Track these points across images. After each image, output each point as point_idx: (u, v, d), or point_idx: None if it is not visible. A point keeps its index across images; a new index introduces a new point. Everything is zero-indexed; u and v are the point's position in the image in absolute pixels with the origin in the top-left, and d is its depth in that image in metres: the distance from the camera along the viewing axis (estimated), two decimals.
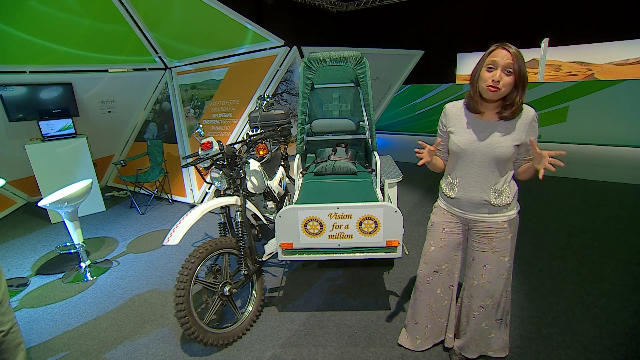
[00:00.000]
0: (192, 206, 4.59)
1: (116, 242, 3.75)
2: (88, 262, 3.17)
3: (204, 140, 2.25)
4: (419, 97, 9.05)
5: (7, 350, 1.81)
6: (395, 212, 2.03)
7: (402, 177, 2.93)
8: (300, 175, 3.13)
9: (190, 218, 2.03)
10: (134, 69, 5.19)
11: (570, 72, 8.56)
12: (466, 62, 10.60)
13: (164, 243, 1.98)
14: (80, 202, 3.02)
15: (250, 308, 2.31)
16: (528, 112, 1.49)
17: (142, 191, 4.93)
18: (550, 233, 3.40)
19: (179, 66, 5.12)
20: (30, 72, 4.39)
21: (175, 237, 1.94)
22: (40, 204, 2.84)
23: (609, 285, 2.56)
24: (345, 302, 2.53)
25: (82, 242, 3.10)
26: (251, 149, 2.37)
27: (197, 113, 4.85)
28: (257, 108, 3.22)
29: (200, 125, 2.50)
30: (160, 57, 5.07)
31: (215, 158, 2.23)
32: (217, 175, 2.31)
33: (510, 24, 9.21)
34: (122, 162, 4.63)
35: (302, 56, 4.40)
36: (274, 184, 2.97)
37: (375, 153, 3.09)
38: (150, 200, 4.78)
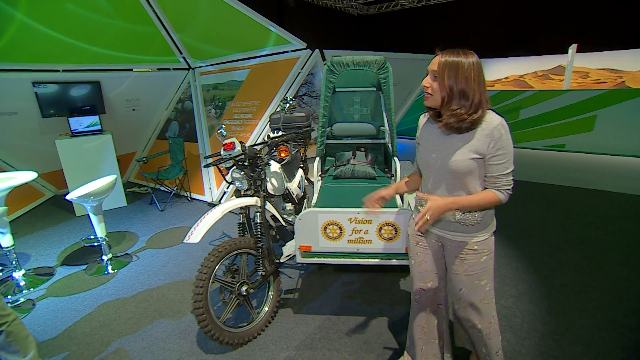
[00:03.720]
0: (211, 205, 4.66)
1: (136, 237, 3.85)
2: (110, 256, 3.26)
3: (226, 141, 2.28)
4: None
5: (16, 341, 1.86)
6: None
7: None
8: (319, 178, 3.13)
9: (211, 217, 2.06)
10: (159, 69, 5.31)
11: (599, 79, 8.28)
12: (489, 67, 10.41)
13: (184, 241, 2.01)
14: (105, 197, 3.12)
15: (266, 309, 2.32)
16: (490, 121, 1.32)
17: (162, 188, 5.04)
18: (574, 246, 3.29)
19: (202, 67, 5.22)
20: (64, 70, 4.56)
21: (196, 235, 1.97)
22: (67, 197, 2.94)
23: (637, 303, 2.45)
24: (360, 307, 2.51)
25: (105, 236, 3.20)
26: (272, 151, 2.39)
27: (218, 113, 4.93)
28: (278, 110, 3.25)
29: (223, 126, 2.54)
30: (184, 58, 5.18)
31: (237, 158, 2.25)
32: (238, 175, 2.33)
33: (534, 29, 8.99)
34: (144, 159, 4.76)
35: (323, 59, 4.42)
36: (293, 186, 2.99)
37: (396, 158, 3.07)
38: (170, 198, 4.88)
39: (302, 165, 3.34)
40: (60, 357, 2.17)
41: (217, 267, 2.05)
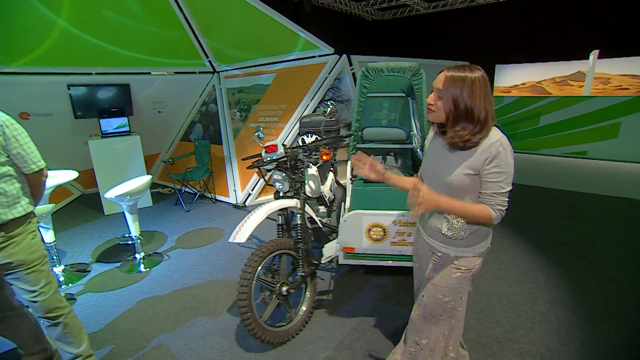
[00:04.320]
0: (236, 206, 4.75)
1: (165, 237, 3.92)
2: (142, 254, 3.34)
3: (269, 144, 2.34)
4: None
5: (71, 333, 1.94)
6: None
7: None
8: (349, 181, 3.17)
9: (256, 217, 2.10)
10: (185, 72, 5.43)
11: (621, 85, 8.20)
12: (505, 73, 10.37)
13: (230, 241, 2.06)
14: (140, 197, 3.20)
15: (304, 308, 2.35)
16: (490, 137, 1.29)
17: (186, 189, 5.13)
18: (601, 254, 3.26)
19: (227, 70, 5.32)
20: (96, 73, 4.70)
21: (241, 235, 2.02)
22: (106, 195, 3.03)
23: None
24: (396, 309, 2.53)
25: (139, 235, 3.28)
26: (312, 153, 2.44)
27: (244, 116, 5.01)
28: (317, 112, 3.30)
29: (261, 128, 2.60)
30: (209, 62, 5.29)
31: (280, 160, 2.30)
32: (279, 177, 2.38)
33: (552, 35, 8.94)
34: (170, 160, 4.86)
35: (350, 64, 4.48)
36: (326, 188, 3.03)
37: None
38: (196, 199, 4.96)
39: (332, 169, 3.39)
40: (106, 350, 2.23)
41: (260, 267, 2.09)
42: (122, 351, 2.24)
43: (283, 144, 2.37)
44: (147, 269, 3.25)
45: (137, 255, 3.31)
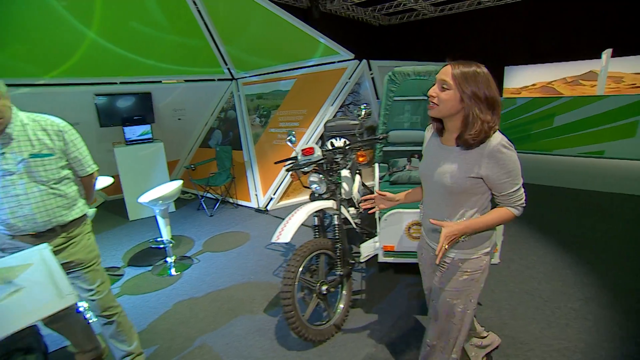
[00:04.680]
0: (258, 210, 4.82)
1: (192, 241, 4.00)
2: (174, 258, 3.41)
3: (305, 147, 2.40)
4: None
5: (124, 331, 2.01)
6: None
7: None
8: (377, 183, 3.23)
9: (298, 217, 2.17)
10: (204, 80, 5.54)
11: (635, 84, 8.19)
12: (514, 75, 10.38)
13: (273, 240, 2.12)
14: (171, 201, 3.28)
15: (341, 306, 2.40)
16: (490, 141, 1.26)
17: (208, 195, 5.21)
18: (632, 252, 3.28)
19: (245, 77, 5.43)
20: (120, 82, 4.83)
21: (285, 235, 2.08)
22: (139, 200, 3.11)
23: None
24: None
25: (171, 239, 3.35)
26: (346, 156, 2.50)
27: (263, 122, 5.10)
28: (341, 116, 3.36)
29: (293, 132, 2.67)
30: (228, 69, 5.40)
31: (318, 163, 2.37)
32: (316, 179, 2.44)
33: (562, 35, 8.95)
34: (192, 166, 4.95)
35: (370, 69, 4.56)
36: (354, 190, 3.09)
37: None
38: (218, 204, 5.04)
39: (358, 171, 3.45)
40: (151, 350, 2.29)
41: (301, 267, 2.15)
42: (165, 351, 2.30)
43: (320, 147, 2.43)
44: (178, 273, 3.32)
45: (169, 259, 3.38)
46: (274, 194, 4.67)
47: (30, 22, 3.73)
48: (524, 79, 10.12)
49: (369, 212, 1.67)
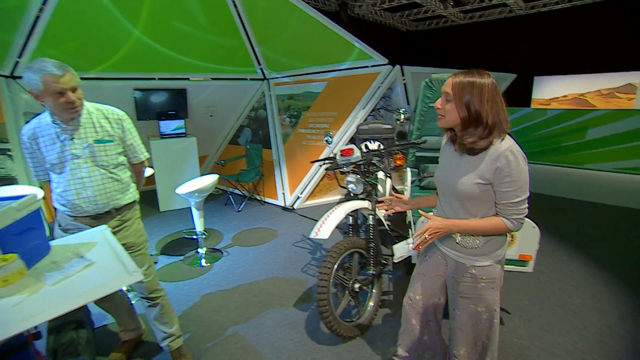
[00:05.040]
0: (284, 209, 4.91)
1: (221, 235, 4.12)
2: (205, 249, 3.52)
3: (344, 147, 2.46)
4: None
5: (166, 314, 2.11)
6: (533, 227, 2.09)
7: None
8: (409, 187, 3.26)
9: (336, 216, 2.22)
10: (236, 79, 5.69)
11: None
12: (544, 85, 10.14)
13: (312, 237, 2.19)
14: (207, 194, 3.39)
15: (371, 304, 2.44)
16: (499, 146, 1.27)
17: (235, 191, 5.34)
18: None
19: (277, 78, 5.55)
20: (159, 78, 5.02)
21: (324, 231, 2.15)
22: (177, 191, 3.23)
23: None
24: None
25: (204, 231, 3.47)
26: (383, 158, 2.55)
27: (293, 122, 5.21)
28: (373, 120, 3.42)
29: (331, 133, 2.74)
30: (261, 69, 5.53)
31: (357, 163, 2.43)
32: (353, 179, 2.50)
33: (599, 45, 8.68)
34: (222, 162, 5.09)
35: (402, 75, 4.59)
36: (386, 193, 3.13)
37: None
38: (246, 200, 5.17)
39: (388, 175, 3.49)
40: (187, 336, 2.38)
41: (336, 264, 2.20)
42: (200, 337, 2.39)
43: (359, 148, 2.49)
44: (209, 264, 3.43)
45: (200, 250, 3.50)
46: (301, 193, 4.75)
47: (84, 21, 3.95)
48: (555, 89, 9.87)
49: (385, 213, 1.74)
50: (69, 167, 1.75)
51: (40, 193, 2.63)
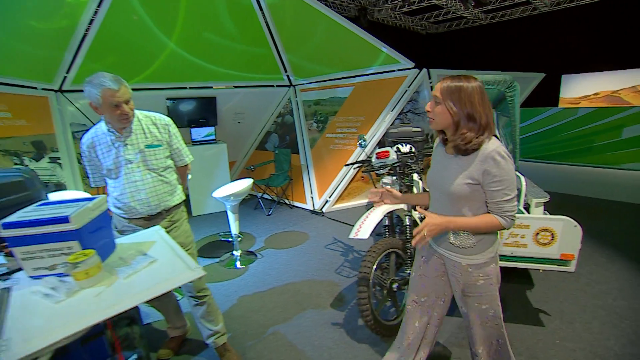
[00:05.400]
0: (313, 212, 4.98)
1: (254, 238, 4.23)
2: (240, 252, 3.64)
3: (380, 150, 2.52)
4: (522, 121, 8.63)
5: (212, 312, 2.20)
6: (575, 226, 2.08)
7: (549, 198, 2.90)
8: None
9: (375, 216, 2.27)
10: (263, 86, 5.84)
11: None
12: (572, 84, 9.83)
13: (351, 236, 2.24)
14: (242, 198, 3.51)
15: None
16: (487, 147, 1.33)
17: (265, 195, 5.47)
18: None
19: (303, 84, 5.66)
20: (190, 87, 5.24)
21: (363, 232, 2.20)
22: (213, 195, 3.36)
23: None
24: None
25: (239, 234, 3.59)
26: (418, 161, 2.59)
27: (320, 127, 5.30)
28: (404, 123, 3.45)
29: (364, 137, 2.80)
30: (287, 76, 5.66)
31: (392, 166, 2.47)
32: (389, 181, 2.55)
33: (633, 39, 8.34)
34: (252, 167, 5.24)
35: (429, 78, 4.61)
36: None
37: (518, 173, 3.13)
38: (273, 204, 5.28)
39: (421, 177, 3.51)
40: (229, 334, 2.46)
41: (376, 264, 2.25)
42: (242, 335, 2.48)
43: (396, 150, 2.54)
44: (244, 266, 3.53)
45: (235, 252, 3.62)
46: (330, 197, 4.82)
47: (124, 36, 4.20)
48: (584, 87, 9.55)
49: (375, 204, 1.78)
50: (124, 171, 1.89)
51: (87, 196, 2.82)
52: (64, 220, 1.35)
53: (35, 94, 4.14)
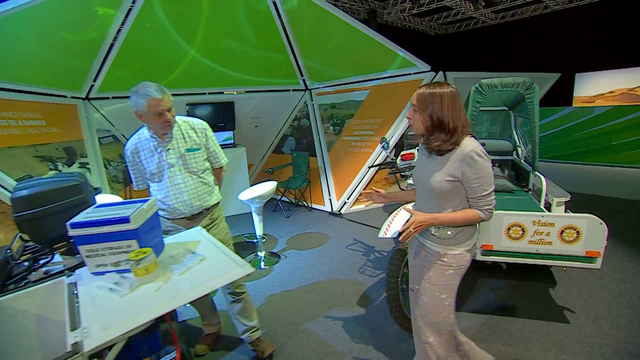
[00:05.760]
0: (332, 214, 5.07)
1: (275, 239, 4.33)
2: (264, 253, 3.74)
3: (405, 152, 2.59)
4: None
5: (249, 307, 2.30)
6: (601, 224, 2.13)
7: (570, 197, 2.93)
8: None
9: (402, 216, 2.35)
10: (279, 90, 5.96)
11: None
12: (586, 82, 9.74)
13: (380, 236, 2.33)
14: (266, 200, 3.61)
15: None
16: (464, 147, 1.45)
17: (284, 198, 5.58)
18: None
19: (319, 88, 5.77)
20: (209, 93, 5.38)
21: (392, 230, 2.28)
22: (239, 197, 3.47)
23: None
24: (518, 310, 2.62)
25: (263, 235, 3.69)
26: None
27: (337, 130, 5.39)
28: None
29: (387, 139, 2.88)
30: (303, 80, 5.77)
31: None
32: (413, 182, 2.62)
33: None
34: (270, 170, 5.35)
35: (445, 80, 4.66)
36: None
37: (538, 173, 3.18)
38: (291, 206, 5.38)
39: None
40: (262, 332, 2.57)
41: (403, 262, 2.32)
42: (274, 332, 2.57)
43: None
44: (268, 267, 3.62)
45: (260, 253, 3.72)
46: (348, 199, 4.90)
47: (148, 45, 4.36)
48: (599, 86, 9.47)
49: (366, 205, 1.86)
50: (167, 175, 2.00)
51: (119, 199, 2.95)
52: (125, 220, 1.46)
53: (65, 102, 4.32)
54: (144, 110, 1.87)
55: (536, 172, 3.25)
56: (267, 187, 3.53)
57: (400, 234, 1.64)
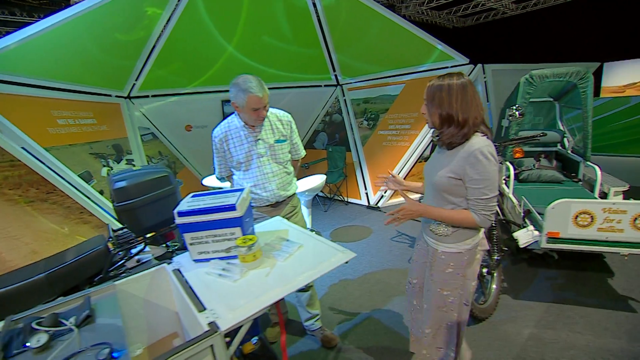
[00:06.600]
0: (369, 207, 5.12)
1: (320, 233, 4.38)
2: None
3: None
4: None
5: (313, 298, 2.37)
6: None
7: (628, 186, 2.93)
8: (512, 179, 3.34)
9: None
10: (311, 86, 6.01)
11: None
12: (616, 72, 9.49)
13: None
14: (316, 193, 3.67)
15: (494, 286, 2.57)
16: (471, 144, 1.37)
17: (320, 193, 5.64)
18: None
19: (350, 83, 5.80)
20: None
21: None
22: None
23: None
24: (579, 299, 2.63)
25: (312, 228, 3.75)
26: (500, 152, 2.68)
27: (371, 124, 5.43)
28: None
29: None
30: (335, 75, 5.81)
31: None
32: None
33: None
34: (306, 165, 5.41)
35: (483, 73, 4.65)
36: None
37: (590, 163, 3.18)
38: (327, 201, 5.46)
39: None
40: (324, 320, 2.64)
41: None
42: (337, 321, 2.63)
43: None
44: None
45: None
46: (385, 192, 4.94)
47: (188, 43, 4.46)
48: (629, 75, 9.21)
49: (382, 190, 1.84)
50: (256, 164, 2.07)
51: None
52: (232, 208, 1.51)
53: (111, 101, 4.45)
54: (242, 104, 1.94)
55: (588, 162, 3.25)
56: (317, 181, 3.60)
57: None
